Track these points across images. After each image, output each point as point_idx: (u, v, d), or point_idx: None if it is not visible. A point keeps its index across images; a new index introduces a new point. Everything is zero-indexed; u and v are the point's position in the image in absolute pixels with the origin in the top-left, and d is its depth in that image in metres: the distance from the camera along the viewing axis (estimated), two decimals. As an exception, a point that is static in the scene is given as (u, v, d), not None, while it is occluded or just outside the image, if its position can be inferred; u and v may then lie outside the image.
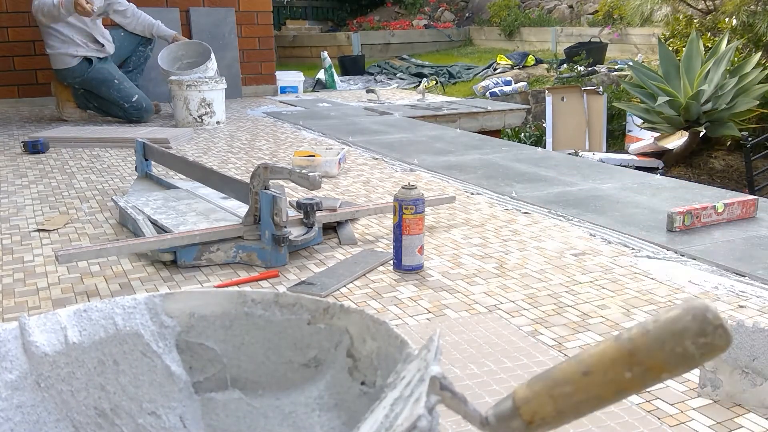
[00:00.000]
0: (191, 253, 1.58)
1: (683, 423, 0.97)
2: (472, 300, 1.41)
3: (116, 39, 3.99)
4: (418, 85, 6.66)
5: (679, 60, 5.43)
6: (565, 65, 8.26)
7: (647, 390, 1.05)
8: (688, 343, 0.48)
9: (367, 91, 5.27)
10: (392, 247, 1.58)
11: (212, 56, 3.99)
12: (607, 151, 6.15)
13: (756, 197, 1.96)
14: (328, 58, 6.61)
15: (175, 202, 1.95)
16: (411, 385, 0.55)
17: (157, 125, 3.79)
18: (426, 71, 9.17)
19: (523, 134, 6.36)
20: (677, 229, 1.79)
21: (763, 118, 5.34)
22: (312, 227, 1.69)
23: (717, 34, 6.13)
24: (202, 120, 3.69)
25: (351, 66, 9.50)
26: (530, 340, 1.22)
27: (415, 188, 1.54)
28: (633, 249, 1.70)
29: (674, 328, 0.48)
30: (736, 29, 5.95)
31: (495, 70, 9.61)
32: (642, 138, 5.84)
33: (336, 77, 6.78)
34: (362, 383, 0.69)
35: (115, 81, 3.84)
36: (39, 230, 1.89)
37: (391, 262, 1.59)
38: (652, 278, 1.50)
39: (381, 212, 1.90)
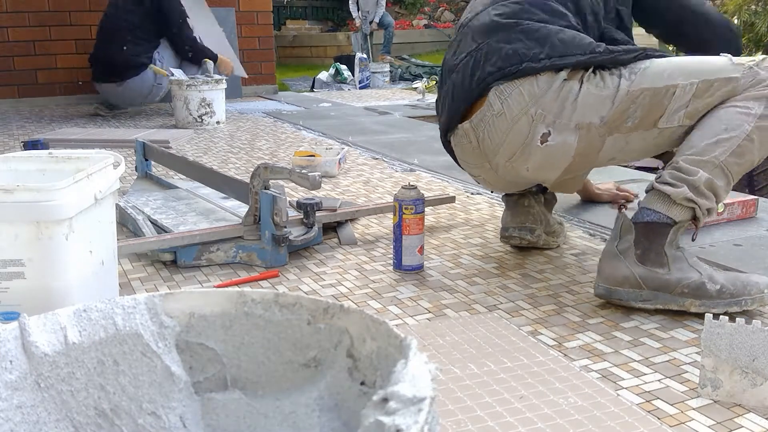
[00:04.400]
0: (191, 253, 1.58)
1: (683, 423, 0.97)
2: (472, 300, 1.41)
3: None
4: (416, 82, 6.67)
5: (679, 60, 5.43)
6: None
7: (647, 390, 1.05)
8: None
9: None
10: (392, 247, 1.58)
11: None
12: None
13: (756, 197, 1.96)
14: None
15: (175, 202, 1.95)
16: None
17: (157, 125, 3.79)
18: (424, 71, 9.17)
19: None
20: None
21: (763, 117, 5.33)
22: (312, 227, 1.69)
23: (717, 33, 6.12)
24: (202, 120, 3.69)
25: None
26: (530, 340, 1.22)
27: (415, 188, 1.54)
28: (633, 249, 1.70)
29: None
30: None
31: (495, 70, 9.57)
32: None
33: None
34: (362, 383, 0.69)
35: None
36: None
37: (391, 261, 1.60)
38: (652, 278, 1.50)
39: (381, 212, 1.90)
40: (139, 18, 3.97)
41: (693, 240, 1.39)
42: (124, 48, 3.91)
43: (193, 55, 3.97)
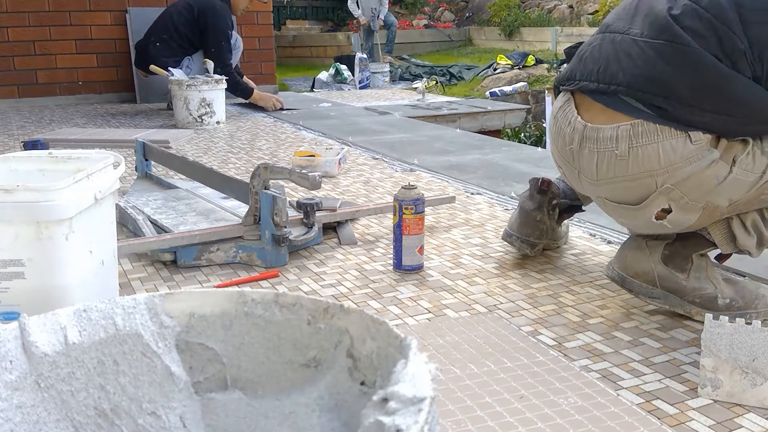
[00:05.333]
0: (191, 253, 1.58)
1: (683, 423, 0.97)
2: (472, 300, 1.41)
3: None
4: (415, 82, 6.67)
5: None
6: (565, 65, 8.27)
7: (647, 390, 1.05)
8: None
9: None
10: (392, 247, 1.58)
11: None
12: (607, 151, 6.12)
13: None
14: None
15: (175, 202, 1.95)
16: None
17: (157, 125, 3.79)
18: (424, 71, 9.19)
19: (523, 134, 6.37)
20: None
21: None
22: (312, 227, 1.69)
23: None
24: (202, 120, 3.69)
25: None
26: (530, 340, 1.22)
27: (415, 188, 1.54)
28: (633, 249, 1.70)
29: None
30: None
31: (495, 70, 9.61)
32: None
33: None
34: (362, 383, 0.69)
35: None
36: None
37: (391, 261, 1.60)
38: (652, 278, 1.50)
39: (381, 212, 1.90)
40: (182, 23, 4.01)
41: (719, 262, 1.34)
42: (157, 44, 3.99)
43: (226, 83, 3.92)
